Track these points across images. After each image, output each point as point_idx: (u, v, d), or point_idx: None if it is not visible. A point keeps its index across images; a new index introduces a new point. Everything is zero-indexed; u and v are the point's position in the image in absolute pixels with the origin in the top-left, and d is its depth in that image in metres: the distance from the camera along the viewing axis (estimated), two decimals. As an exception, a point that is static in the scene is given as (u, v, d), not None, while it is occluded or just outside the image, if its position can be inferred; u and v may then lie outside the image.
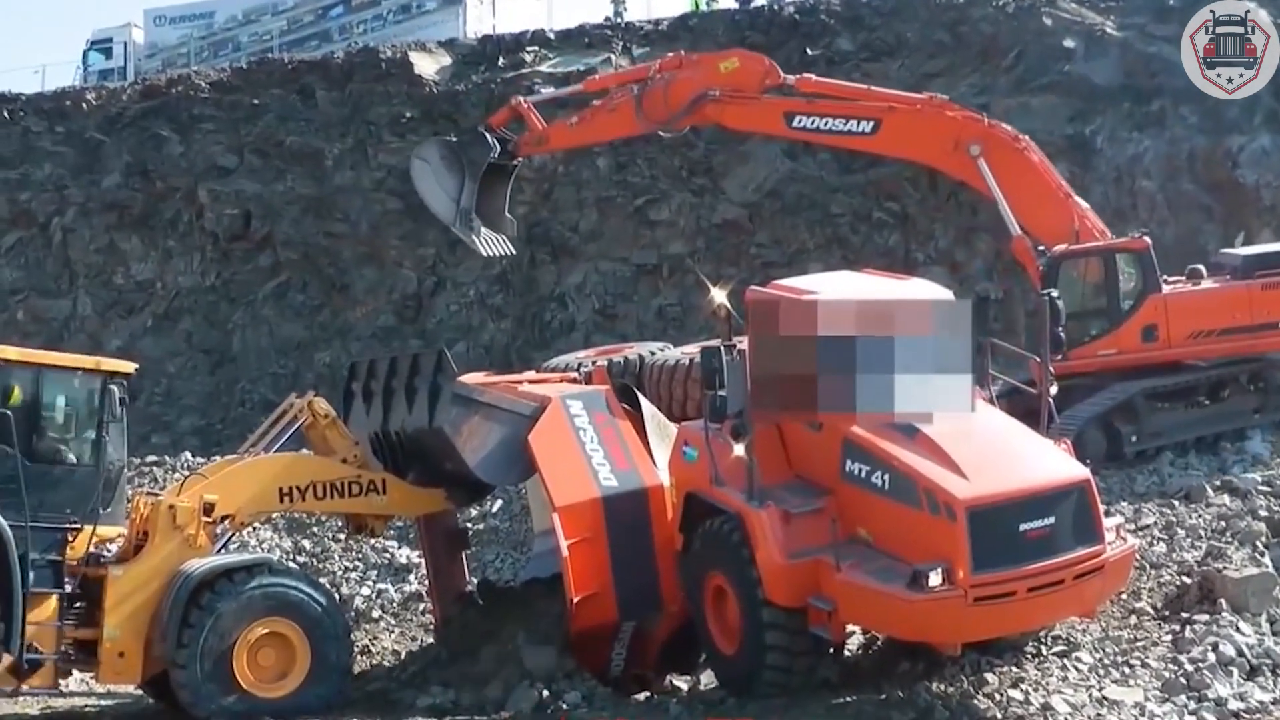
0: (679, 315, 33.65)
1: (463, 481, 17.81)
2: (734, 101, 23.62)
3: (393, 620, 22.33)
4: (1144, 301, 22.75)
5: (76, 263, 37.83)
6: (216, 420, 35.00)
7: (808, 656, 14.43)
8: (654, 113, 24.12)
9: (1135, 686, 14.03)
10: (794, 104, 23.76)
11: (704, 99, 23.75)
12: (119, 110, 39.15)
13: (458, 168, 25.01)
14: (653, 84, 24.11)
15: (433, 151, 25.55)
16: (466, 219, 24.99)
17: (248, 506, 17.13)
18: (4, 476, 15.49)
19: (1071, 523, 13.43)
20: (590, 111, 25.16)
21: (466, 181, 24.95)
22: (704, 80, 23.84)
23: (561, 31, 38.48)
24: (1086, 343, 22.60)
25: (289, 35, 46.81)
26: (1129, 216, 29.42)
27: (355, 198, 36.44)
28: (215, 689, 15.60)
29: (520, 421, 16.99)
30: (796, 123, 23.71)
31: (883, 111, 23.44)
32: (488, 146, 25.03)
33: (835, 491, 14.17)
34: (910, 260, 32.11)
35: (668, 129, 24.98)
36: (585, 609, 15.92)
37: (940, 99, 24.22)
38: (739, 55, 24.62)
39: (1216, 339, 22.78)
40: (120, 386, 16.37)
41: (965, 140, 23.05)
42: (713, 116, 24.33)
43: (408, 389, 17.65)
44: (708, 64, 24.22)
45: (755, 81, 23.80)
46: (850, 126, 23.45)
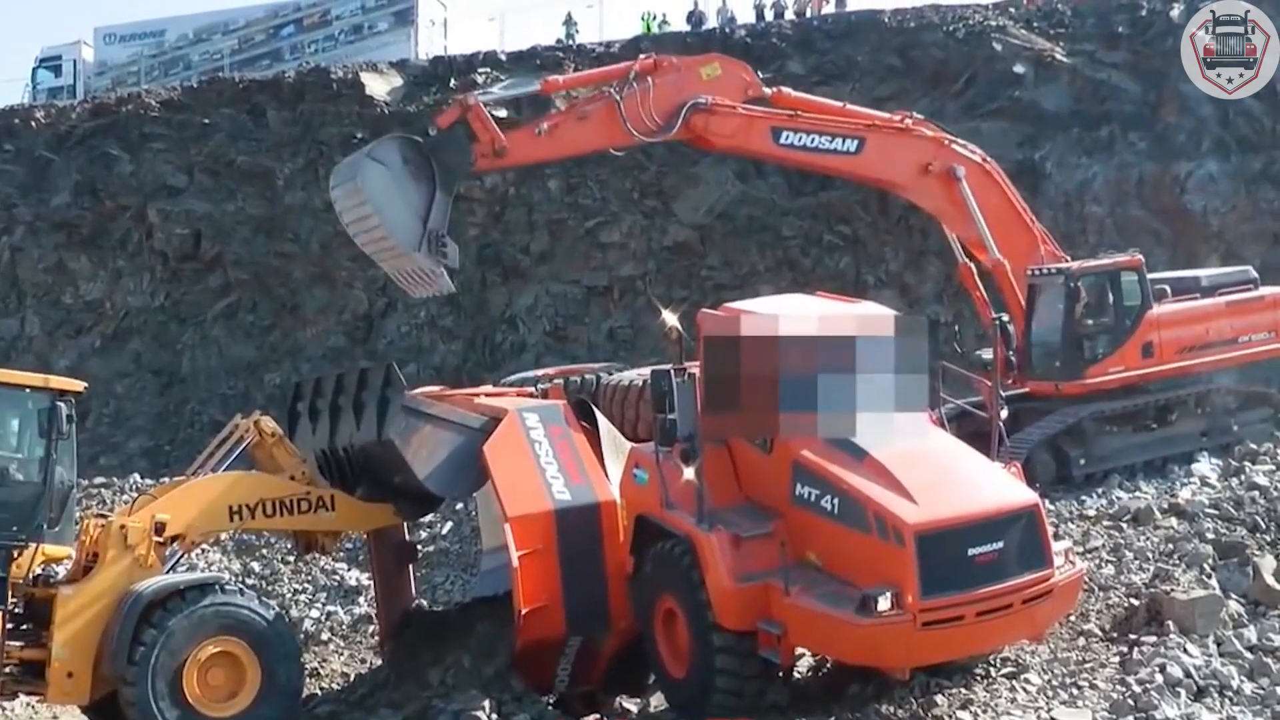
0: (630, 337, 33.73)
1: (411, 495, 17.75)
2: (721, 113, 21.54)
3: (342, 643, 22.23)
4: (1142, 319, 22.99)
5: (25, 282, 37.63)
6: (165, 441, 34.81)
7: (757, 680, 14.37)
8: (638, 122, 21.21)
9: (1084, 708, 14.05)
10: (780, 119, 22.08)
11: (694, 108, 21.40)
12: (68, 129, 38.99)
13: (426, 176, 20.10)
14: (630, 90, 21.22)
15: (392, 153, 20.12)
16: (438, 244, 20.01)
17: (198, 525, 17.05)
18: None
19: (1020, 547, 13.44)
20: (560, 119, 21.51)
21: (438, 195, 20.14)
22: (688, 87, 21.56)
23: (513, 53, 38.56)
24: (1098, 361, 22.90)
25: (240, 54, 46.71)
26: (1077, 241, 29.66)
27: (306, 218, 36.36)
28: (166, 706, 15.53)
29: (470, 434, 16.98)
30: (783, 139, 21.93)
31: (865, 129, 22.48)
32: (465, 151, 20.59)
33: (785, 515, 14.15)
34: (861, 283, 32.29)
35: (656, 139, 22.08)
36: (533, 621, 15.86)
37: (916, 117, 23.55)
38: (720, 61, 22.56)
39: (1198, 353, 23.15)
40: (69, 404, 16.28)
41: (942, 161, 22.67)
42: (699, 129, 21.63)
43: (355, 404, 17.61)
44: (689, 68, 21.87)
45: (738, 91, 21.99)
46: (836, 145, 22.10)
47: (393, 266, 20.74)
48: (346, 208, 20.34)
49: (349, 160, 21.09)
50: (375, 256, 20.92)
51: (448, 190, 20.30)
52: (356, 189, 19.79)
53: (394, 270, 20.85)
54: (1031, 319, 23.36)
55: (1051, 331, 23.22)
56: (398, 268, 20.62)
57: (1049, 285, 23.23)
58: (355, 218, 20.25)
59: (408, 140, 20.56)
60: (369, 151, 20.24)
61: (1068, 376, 22.93)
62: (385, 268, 21.19)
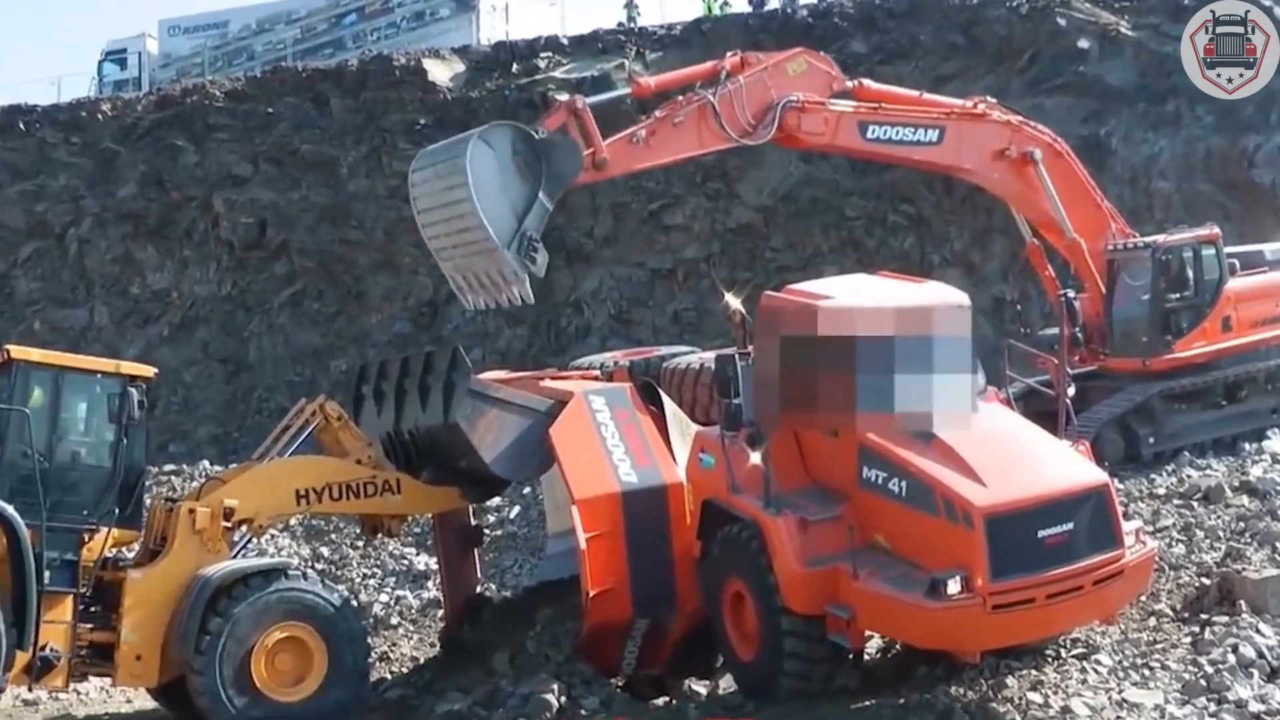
0: (695, 320, 33.67)
1: (477, 478, 17.85)
2: (812, 110, 20.97)
3: (411, 627, 22.38)
4: (1221, 293, 22.85)
5: (93, 273, 37.96)
6: (233, 429, 35.08)
7: (826, 663, 14.39)
8: (734, 123, 20.49)
9: (1155, 689, 13.98)
10: (866, 113, 21.49)
11: (786, 107, 20.76)
12: (134, 120, 39.27)
13: (532, 175, 18.57)
14: (723, 90, 20.55)
15: (505, 140, 18.58)
16: (529, 247, 18.38)
17: (266, 510, 17.22)
18: (23, 477, 15.68)
19: (1090, 528, 13.33)
20: (656, 125, 20.32)
21: (541, 197, 18.56)
22: (777, 85, 20.95)
23: (575, 37, 38.46)
24: (1183, 336, 22.86)
25: (303, 44, 46.96)
26: (1144, 217, 29.35)
27: (370, 205, 36.49)
28: (234, 694, 15.74)
29: (536, 417, 17.04)
30: (870, 134, 21.44)
31: (944, 117, 22.10)
32: (578, 157, 19.20)
33: (852, 498, 14.14)
34: (926, 263, 32.08)
35: (753, 142, 21.18)
36: (600, 603, 15.93)
37: (989, 101, 23.18)
38: (805, 56, 21.80)
39: (1270, 327, 23.18)
40: (140, 390, 16.48)
41: (1018, 145, 22.31)
42: (791, 128, 20.92)
43: (421, 387, 17.68)
44: (775, 65, 21.18)
45: (825, 86, 21.46)
46: (919, 136, 21.66)
47: (464, 265, 19.02)
48: (434, 190, 18.77)
49: (451, 140, 19.58)
50: (445, 250, 19.24)
51: (551, 195, 18.73)
52: (457, 169, 18.13)
53: (464, 270, 19.11)
54: (1112, 295, 23.17)
55: (1135, 307, 23.04)
56: (472, 267, 18.90)
57: (1131, 260, 23.07)
58: (443, 201, 18.57)
59: (522, 131, 18.92)
60: (480, 133, 18.53)
61: (1153, 352, 22.78)
62: (450, 265, 19.36)
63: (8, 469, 15.68)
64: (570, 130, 19.36)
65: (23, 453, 15.75)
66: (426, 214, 19.05)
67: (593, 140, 19.44)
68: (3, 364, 16.24)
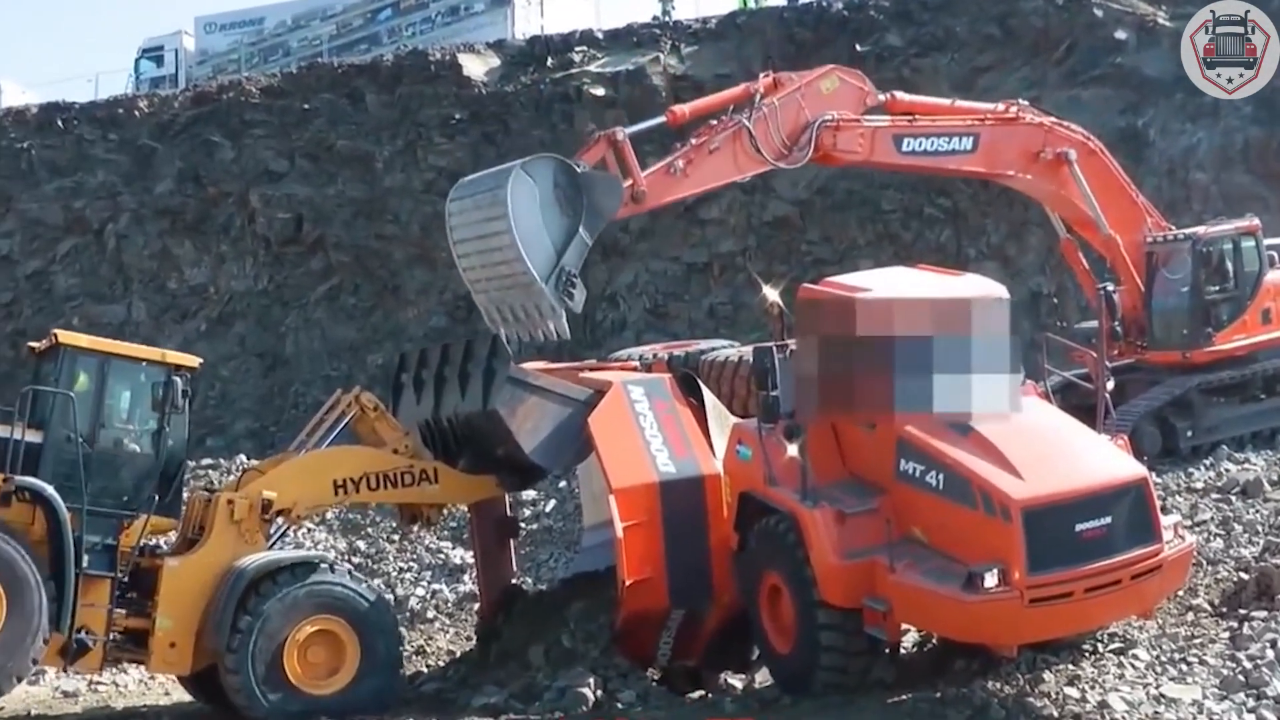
0: (730, 313, 33.63)
1: (514, 467, 17.88)
2: (847, 128, 20.79)
3: (447, 620, 22.45)
4: (1261, 284, 22.74)
5: (130, 268, 38.13)
6: (270, 423, 35.18)
7: (862, 657, 14.37)
8: (770, 147, 20.26)
9: (1193, 684, 13.90)
10: (900, 126, 21.41)
11: (821, 126, 20.54)
12: (171, 117, 39.43)
13: (572, 209, 18.24)
14: (758, 113, 20.26)
15: (546, 173, 18.24)
16: (567, 282, 18.08)
17: (304, 500, 17.32)
18: (66, 460, 15.85)
19: (1129, 522, 13.29)
20: (693, 153, 19.98)
21: (581, 232, 18.26)
22: (811, 104, 20.70)
23: (609, 31, 38.44)
24: (1223, 328, 22.84)
25: (338, 39, 47.08)
26: (1182, 209, 29.20)
27: (406, 200, 36.58)
28: (268, 689, 15.83)
29: (575, 406, 17.08)
30: (905, 147, 21.31)
31: (977, 124, 21.94)
32: (618, 193, 18.93)
33: (889, 491, 14.10)
34: (962, 256, 31.99)
35: (791, 165, 20.98)
36: (637, 593, 15.96)
37: (1020, 104, 23.03)
38: (838, 72, 21.54)
39: None
40: (184, 380, 16.63)
41: (1053, 146, 22.19)
42: (827, 147, 20.75)
43: (460, 375, 17.71)
44: (808, 84, 20.89)
45: (857, 102, 21.26)
46: (953, 145, 21.56)
47: (500, 298, 18.69)
48: (472, 221, 18.49)
49: (491, 171, 19.41)
50: (480, 282, 18.93)
51: (592, 230, 18.45)
52: (497, 200, 17.80)
53: (499, 302, 18.75)
54: (1151, 288, 23.06)
55: (1175, 299, 22.94)
56: (508, 300, 18.56)
57: (1171, 252, 22.96)
58: (481, 233, 18.31)
59: (564, 164, 18.54)
60: (522, 164, 18.19)
61: (1193, 344, 22.68)
62: (485, 298, 19.00)
63: (51, 452, 15.86)
64: (609, 163, 19.18)
65: (66, 436, 15.93)
66: (463, 245, 18.81)
67: (631, 172, 19.26)
68: (50, 348, 16.54)
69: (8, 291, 38.61)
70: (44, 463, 15.77)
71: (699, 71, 35.52)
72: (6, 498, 15.52)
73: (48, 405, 16.06)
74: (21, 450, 15.68)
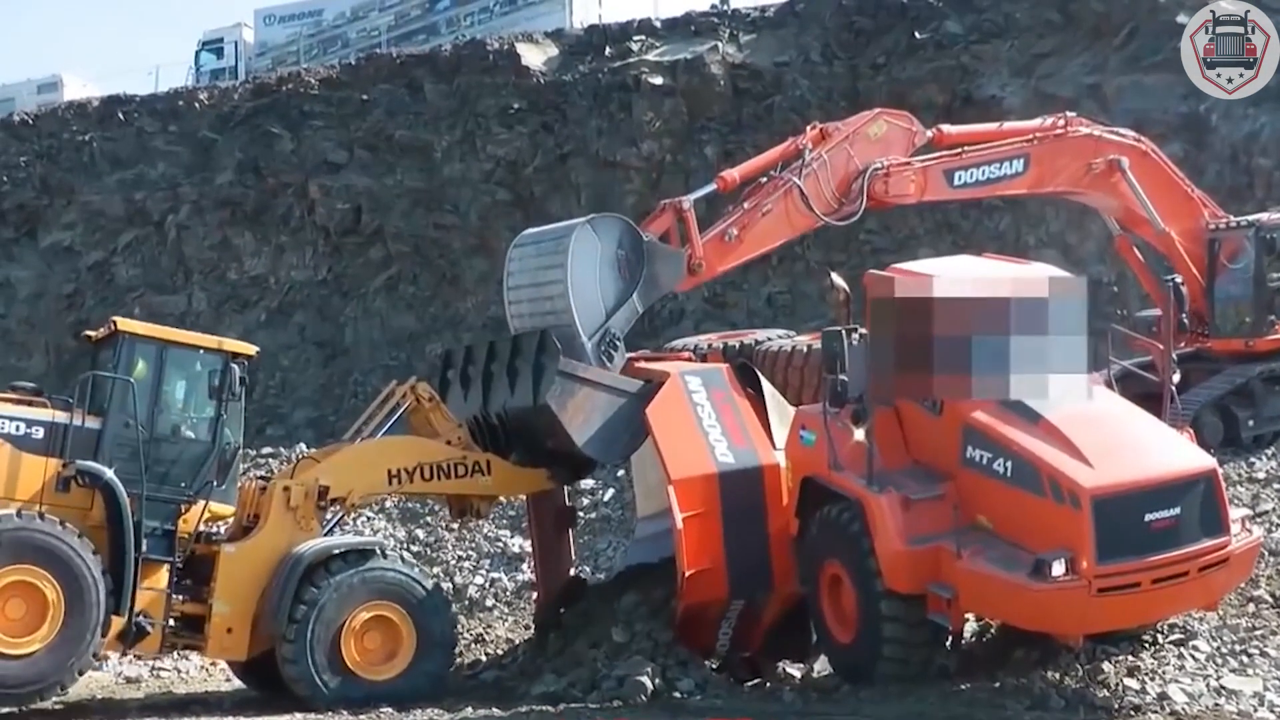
0: (789, 303, 33.52)
1: (566, 459, 17.92)
2: (897, 174, 20.20)
3: (506, 609, 22.48)
4: None
5: (191, 259, 38.41)
6: (330, 412, 35.32)
7: (924, 646, 14.32)
8: (821, 203, 19.74)
9: (1254, 676, 13.81)
10: (949, 160, 20.85)
11: (871, 176, 19.99)
12: (231, 109, 39.68)
13: (630, 274, 18.20)
14: (807, 170, 19.76)
15: (613, 233, 18.25)
16: (609, 344, 17.90)
17: (359, 488, 17.49)
18: (125, 446, 16.02)
19: (1198, 513, 13.18)
20: (746, 218, 19.58)
21: (635, 299, 18.21)
22: (860, 152, 20.25)
23: (668, 20, 38.34)
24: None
25: (396, 30, 47.21)
26: (1245, 195, 28.84)
27: (465, 189, 36.65)
28: (328, 676, 15.98)
29: (627, 398, 17.10)
30: (958, 180, 20.80)
31: (1026, 145, 21.30)
32: (680, 267, 18.76)
33: (955, 478, 14.01)
34: (1022, 244, 31.65)
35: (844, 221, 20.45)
36: (696, 584, 15.93)
37: (1069, 115, 22.29)
38: (885, 116, 21.07)
39: None
40: (241, 367, 16.74)
41: (1104, 156, 21.65)
42: (879, 195, 20.22)
43: (509, 370, 17.77)
44: (856, 132, 20.42)
45: (906, 144, 20.72)
46: (1004, 170, 21.01)
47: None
48: (530, 267, 18.62)
49: (559, 225, 19.67)
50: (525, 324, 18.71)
51: (645, 300, 18.49)
52: (559, 249, 17.97)
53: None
54: (1213, 276, 22.81)
55: (1238, 287, 22.67)
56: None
57: (1233, 240, 22.69)
58: (536, 280, 18.39)
59: (632, 228, 18.50)
60: (590, 220, 18.48)
61: (1256, 332, 22.44)
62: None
63: (110, 438, 16.01)
64: (672, 234, 18.97)
65: (125, 422, 16.08)
66: (516, 291, 18.81)
67: (691, 242, 18.92)
68: (109, 336, 16.69)
69: (70, 283, 39.01)
70: (103, 448, 15.94)
71: (758, 60, 35.42)
72: (66, 482, 15.73)
73: (106, 392, 16.20)
74: (81, 436, 15.87)
